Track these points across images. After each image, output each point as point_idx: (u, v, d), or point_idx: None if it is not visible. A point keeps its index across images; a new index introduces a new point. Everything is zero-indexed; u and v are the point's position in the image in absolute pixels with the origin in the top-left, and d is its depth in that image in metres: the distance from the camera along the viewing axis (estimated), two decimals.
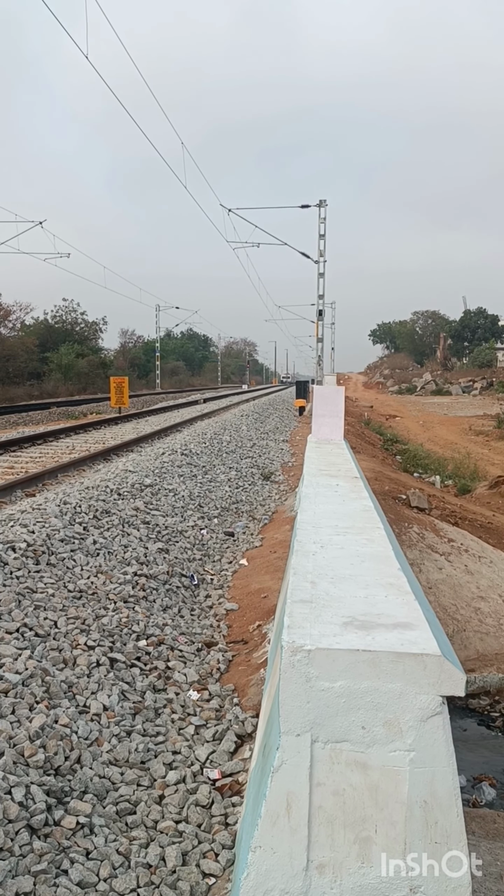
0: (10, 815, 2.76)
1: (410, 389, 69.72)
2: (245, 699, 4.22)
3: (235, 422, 19.53)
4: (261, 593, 6.17)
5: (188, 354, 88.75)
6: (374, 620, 2.21)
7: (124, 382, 25.34)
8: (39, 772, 3.09)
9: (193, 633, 5.37)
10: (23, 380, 43.49)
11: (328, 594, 2.48)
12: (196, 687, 4.41)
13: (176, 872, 2.79)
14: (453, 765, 1.97)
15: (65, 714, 3.55)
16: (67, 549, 5.80)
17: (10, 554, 5.22)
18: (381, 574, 2.75)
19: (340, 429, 9.19)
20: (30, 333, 49.91)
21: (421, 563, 10.12)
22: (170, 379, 67.01)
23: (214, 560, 7.46)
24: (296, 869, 2.00)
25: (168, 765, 3.54)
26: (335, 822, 2.00)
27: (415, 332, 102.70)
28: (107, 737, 3.61)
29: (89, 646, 4.40)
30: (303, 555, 3.03)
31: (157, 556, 6.56)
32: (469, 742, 7.04)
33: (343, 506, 4.33)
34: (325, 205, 26.69)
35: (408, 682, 1.97)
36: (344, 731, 2.00)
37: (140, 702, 4.07)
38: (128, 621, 4.93)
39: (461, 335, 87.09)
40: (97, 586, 5.34)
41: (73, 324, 56.33)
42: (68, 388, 44.02)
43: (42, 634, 4.30)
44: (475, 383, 63.01)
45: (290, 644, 2.03)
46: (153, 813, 3.15)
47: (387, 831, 1.98)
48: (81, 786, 3.16)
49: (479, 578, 10.17)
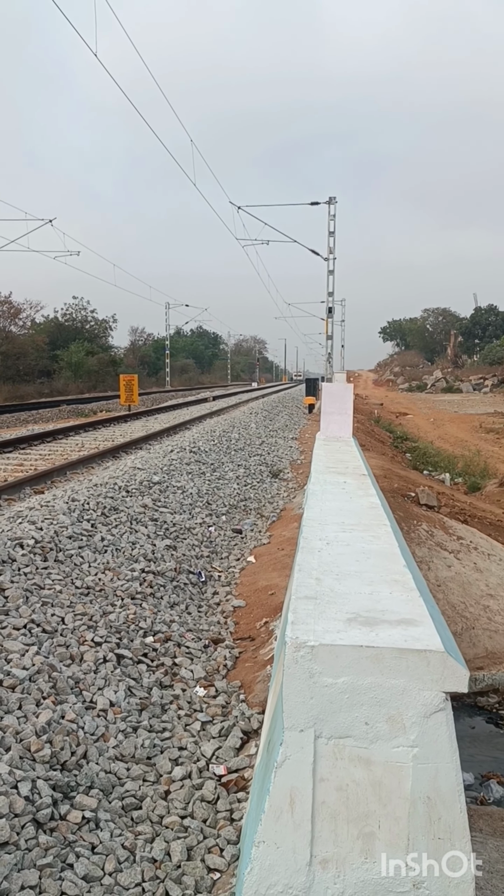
0: (17, 809, 2.77)
1: (421, 387, 69.50)
2: (251, 696, 4.23)
3: (244, 419, 19.53)
4: (268, 590, 6.17)
5: (198, 352, 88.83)
6: (377, 617, 2.21)
7: (134, 380, 25.36)
8: (46, 767, 3.11)
9: (200, 629, 5.38)
10: (33, 378, 43.67)
11: (333, 591, 2.48)
12: (203, 683, 4.42)
13: (181, 867, 2.80)
14: (457, 761, 1.97)
15: (71, 710, 3.56)
16: (75, 546, 5.82)
17: (19, 550, 5.25)
18: (386, 571, 2.74)
19: (349, 426, 9.17)
20: (40, 331, 50.10)
21: (430, 561, 10.09)
22: (179, 377, 67.08)
23: (222, 557, 7.47)
24: (299, 864, 2.01)
25: (174, 760, 3.55)
26: (338, 818, 2.00)
27: (425, 329, 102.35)
28: (113, 732, 3.63)
29: (96, 642, 4.41)
30: (308, 551, 3.03)
31: (164, 552, 6.57)
32: (477, 740, 7.02)
33: (350, 503, 4.32)
34: (334, 202, 26.62)
35: (411, 678, 1.96)
36: (347, 726, 2.00)
37: (146, 698, 4.08)
38: (135, 618, 4.94)
39: (472, 332, 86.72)
40: (105, 583, 5.35)
41: (83, 322, 56.50)
42: (78, 385, 44.17)
43: (49, 630, 4.32)
44: (486, 381, 62.73)
45: (294, 640, 2.03)
46: (159, 808, 3.16)
47: (390, 827, 1.98)
48: (87, 781, 3.17)
49: (488, 576, 10.13)
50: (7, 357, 41.81)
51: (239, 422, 18.54)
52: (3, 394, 35.69)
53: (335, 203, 26.64)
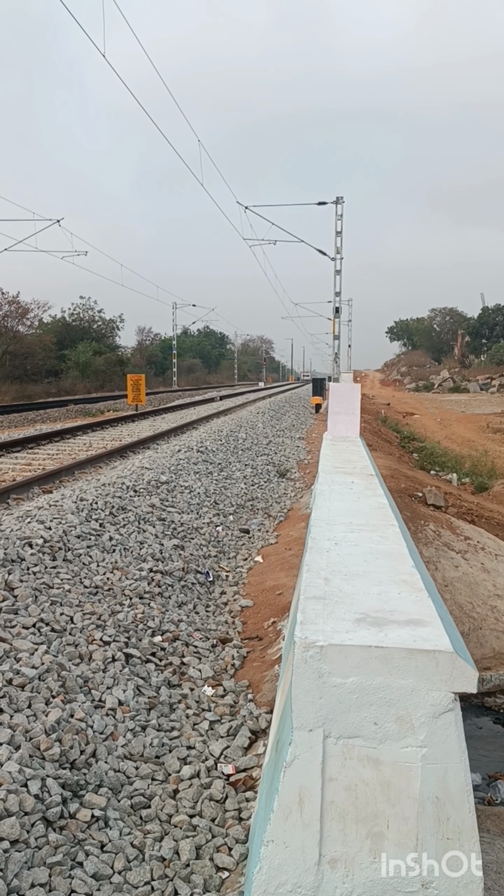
0: (27, 807, 2.79)
1: (427, 387, 69.33)
2: (259, 695, 4.24)
3: (251, 419, 19.54)
4: (276, 590, 6.18)
5: (205, 352, 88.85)
6: (386, 617, 2.22)
7: (141, 380, 25.41)
8: (55, 765, 3.12)
9: (208, 629, 5.39)
10: (41, 377, 43.80)
11: (341, 591, 2.48)
12: (211, 683, 4.43)
13: (190, 866, 2.81)
14: (465, 761, 1.97)
15: (80, 708, 3.58)
16: (84, 546, 5.84)
17: (28, 550, 5.27)
18: (394, 571, 2.75)
19: (356, 426, 9.17)
20: (47, 331, 50.27)
21: (437, 561, 10.08)
22: (186, 376, 67.13)
23: (229, 557, 7.48)
24: (308, 863, 2.01)
25: (182, 759, 3.56)
26: (347, 817, 2.01)
27: (432, 329, 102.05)
28: (122, 731, 3.64)
29: (105, 641, 4.43)
30: (316, 551, 3.03)
31: (172, 552, 6.59)
32: (484, 740, 7.01)
33: (358, 503, 4.33)
34: (341, 202, 26.60)
35: (420, 678, 1.97)
36: (356, 726, 2.00)
37: (155, 697, 4.10)
38: (143, 617, 4.95)
39: (479, 332, 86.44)
40: (113, 582, 5.37)
41: (91, 321, 56.64)
42: (85, 385, 44.28)
43: (58, 629, 4.34)
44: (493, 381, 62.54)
45: (303, 640, 2.04)
46: (167, 807, 3.17)
47: (399, 827, 1.99)
48: (96, 779, 3.19)
49: (495, 577, 10.10)
50: (15, 357, 41.95)
51: (246, 421, 18.55)
52: (11, 393, 35.81)
53: (342, 203, 26.62)
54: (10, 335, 43.11)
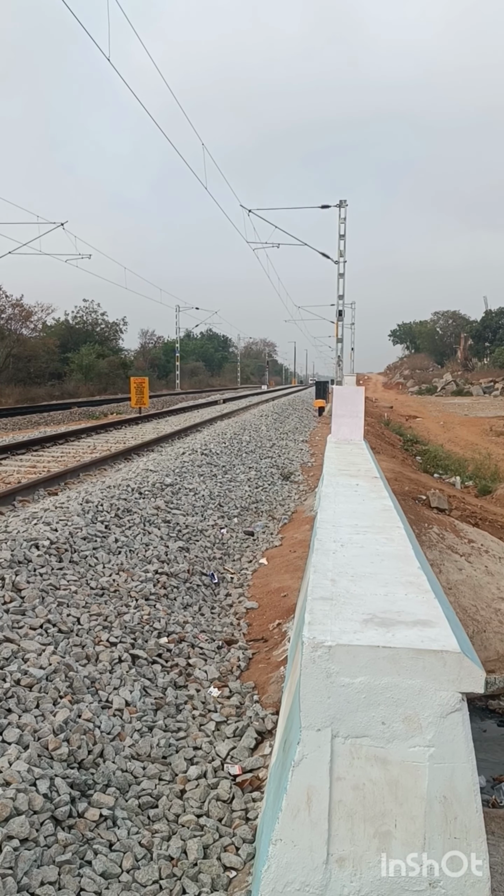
0: (36, 806, 2.81)
1: (430, 390, 69.33)
2: (265, 696, 4.26)
3: (255, 422, 19.56)
4: (280, 592, 6.19)
5: (208, 355, 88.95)
6: (393, 618, 2.24)
7: (144, 383, 25.48)
8: (63, 765, 3.15)
9: (214, 630, 5.41)
10: (44, 380, 43.90)
11: (348, 592, 2.50)
12: (217, 684, 4.45)
13: (197, 865, 2.83)
14: (473, 761, 1.99)
15: (88, 709, 3.60)
16: (90, 547, 5.87)
17: (34, 551, 5.30)
18: (400, 572, 2.77)
19: (360, 429, 9.19)
20: (51, 334, 50.36)
21: (441, 564, 10.09)
22: (189, 379, 67.21)
23: (234, 559, 7.50)
24: (316, 862, 2.03)
25: (189, 760, 3.58)
26: (355, 817, 2.02)
27: (435, 332, 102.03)
28: (129, 731, 3.66)
29: (111, 642, 4.45)
30: (323, 553, 3.05)
31: (177, 554, 6.61)
32: (489, 743, 7.02)
33: (363, 505, 4.35)
34: (345, 205, 26.66)
35: (427, 678, 1.99)
36: (364, 726, 2.02)
37: (161, 698, 4.12)
38: (149, 618, 4.98)
39: (482, 335, 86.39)
40: (119, 584, 5.40)
41: (94, 324, 56.75)
42: (89, 388, 44.36)
43: (65, 630, 4.37)
44: (496, 384, 62.54)
45: (311, 640, 2.06)
46: (175, 807, 3.19)
47: (406, 826, 2.01)
48: (104, 779, 3.21)
49: (499, 579, 10.11)
50: (18, 359, 42.07)
51: (249, 424, 18.58)
52: (15, 396, 35.90)
53: (346, 206, 26.68)
54: (13, 338, 43.22)
